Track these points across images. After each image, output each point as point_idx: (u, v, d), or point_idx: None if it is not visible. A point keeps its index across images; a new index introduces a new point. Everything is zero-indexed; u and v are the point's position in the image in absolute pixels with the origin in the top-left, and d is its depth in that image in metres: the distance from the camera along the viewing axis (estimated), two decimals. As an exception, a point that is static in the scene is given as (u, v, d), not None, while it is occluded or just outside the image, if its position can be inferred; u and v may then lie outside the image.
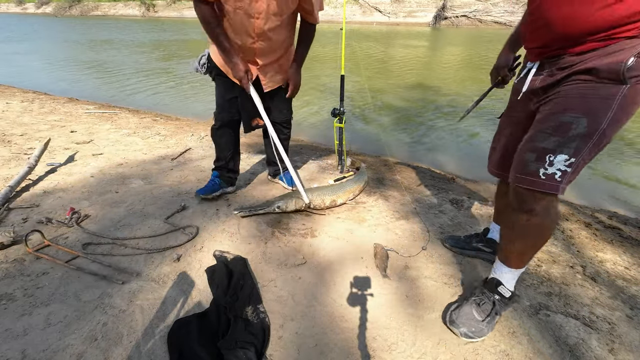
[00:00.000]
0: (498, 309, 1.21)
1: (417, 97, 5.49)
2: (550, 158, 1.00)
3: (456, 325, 1.21)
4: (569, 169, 0.99)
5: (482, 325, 1.20)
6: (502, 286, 1.22)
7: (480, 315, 1.21)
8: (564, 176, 1.00)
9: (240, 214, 1.89)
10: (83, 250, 1.62)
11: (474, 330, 1.19)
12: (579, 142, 0.97)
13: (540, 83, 1.09)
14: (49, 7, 34.57)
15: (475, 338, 1.20)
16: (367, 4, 22.48)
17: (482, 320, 1.20)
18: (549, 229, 1.10)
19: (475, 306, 1.23)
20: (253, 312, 1.29)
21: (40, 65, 8.33)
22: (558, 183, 1.00)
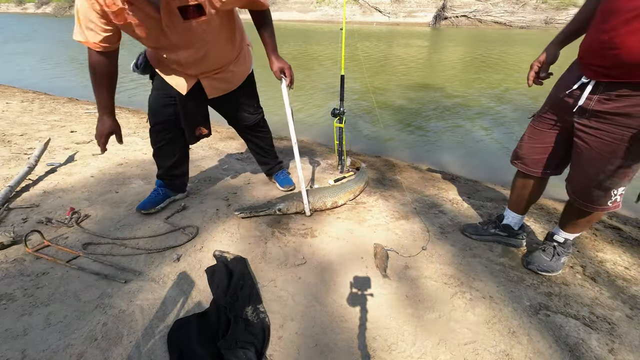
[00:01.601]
0: (559, 250, 1.52)
1: (417, 97, 5.49)
2: (614, 192, 1.26)
3: (532, 265, 1.54)
4: (624, 191, 1.27)
5: (551, 263, 1.52)
6: (556, 235, 1.55)
7: (547, 256, 1.53)
8: (622, 196, 1.28)
9: (240, 215, 1.89)
10: (83, 249, 1.62)
11: (545, 266, 1.52)
12: (632, 174, 1.21)
13: (595, 105, 1.15)
14: (49, 7, 34.56)
15: (549, 272, 1.52)
16: (367, 4, 22.49)
17: (550, 260, 1.53)
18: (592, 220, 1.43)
19: (541, 251, 1.56)
20: (253, 312, 1.29)
21: (40, 65, 8.33)
22: (619, 203, 1.30)
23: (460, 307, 1.36)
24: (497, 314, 1.33)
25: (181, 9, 1.36)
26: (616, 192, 1.25)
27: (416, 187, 2.33)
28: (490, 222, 1.76)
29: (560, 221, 1.56)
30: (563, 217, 1.53)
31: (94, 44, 1.37)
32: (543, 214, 2.04)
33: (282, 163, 2.34)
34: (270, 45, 1.66)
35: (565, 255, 1.54)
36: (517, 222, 1.69)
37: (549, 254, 1.53)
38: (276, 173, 2.29)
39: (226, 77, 1.74)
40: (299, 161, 1.86)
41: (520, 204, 1.65)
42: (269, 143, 2.18)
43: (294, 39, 13.01)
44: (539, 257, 1.54)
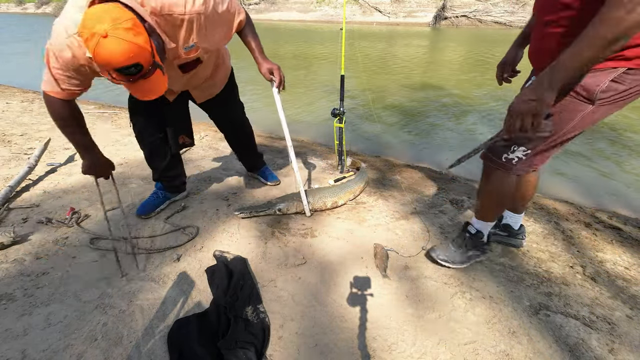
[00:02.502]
0: (467, 242, 1.52)
1: (418, 97, 5.49)
2: (514, 148, 1.24)
3: (433, 252, 1.56)
4: (524, 157, 1.23)
5: (455, 254, 1.53)
6: (470, 226, 1.53)
7: (453, 246, 1.54)
8: (518, 163, 1.25)
9: (240, 215, 1.89)
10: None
11: (447, 255, 1.53)
12: (539, 140, 1.18)
13: None
14: (49, 7, 34.53)
15: (449, 263, 1.52)
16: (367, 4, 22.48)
17: (455, 249, 1.53)
18: (501, 196, 1.38)
19: (450, 242, 1.58)
20: (253, 312, 1.29)
21: (40, 66, 8.32)
22: (512, 165, 1.26)
23: (460, 307, 1.36)
24: (497, 314, 1.33)
25: (181, 66, 1.42)
26: (515, 149, 1.23)
27: (416, 187, 2.33)
28: None
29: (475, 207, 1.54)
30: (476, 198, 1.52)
31: (67, 93, 1.30)
32: (543, 214, 2.04)
33: (263, 158, 2.33)
34: (256, 48, 1.61)
35: (474, 250, 1.51)
36: (516, 221, 1.69)
37: (456, 244, 1.53)
38: (260, 169, 2.30)
39: (212, 84, 1.76)
40: (294, 161, 1.87)
41: (513, 202, 1.64)
42: (252, 138, 2.17)
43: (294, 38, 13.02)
44: (445, 246, 1.57)
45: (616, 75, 1.02)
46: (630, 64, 0.99)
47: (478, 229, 1.51)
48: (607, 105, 1.08)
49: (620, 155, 3.36)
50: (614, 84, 1.03)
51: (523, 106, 1.04)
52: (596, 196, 2.67)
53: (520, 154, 1.23)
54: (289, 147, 1.85)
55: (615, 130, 3.98)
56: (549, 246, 1.73)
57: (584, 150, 3.46)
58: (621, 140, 3.70)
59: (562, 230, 1.89)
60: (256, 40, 1.60)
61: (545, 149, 1.23)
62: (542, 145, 1.21)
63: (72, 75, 1.24)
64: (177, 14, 1.21)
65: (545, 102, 1.01)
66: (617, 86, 1.03)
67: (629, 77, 1.02)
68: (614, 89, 1.04)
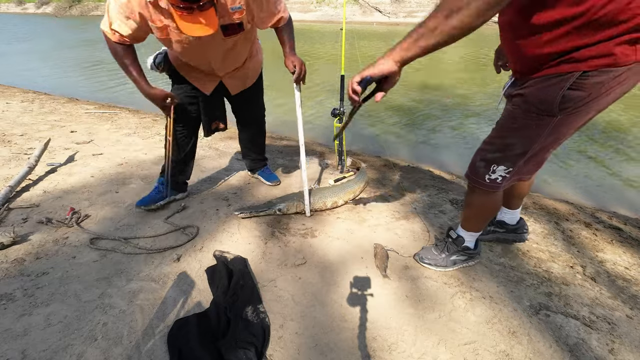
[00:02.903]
0: (449, 246, 1.54)
1: (418, 97, 5.49)
2: (494, 168, 1.24)
3: (417, 255, 1.61)
4: (507, 176, 1.24)
5: (437, 256, 1.55)
6: (452, 231, 1.56)
7: (436, 250, 1.58)
8: (504, 180, 1.25)
9: (240, 215, 1.89)
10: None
11: (430, 258, 1.56)
12: (516, 158, 1.19)
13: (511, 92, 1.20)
14: (49, 7, 34.53)
15: (432, 265, 1.56)
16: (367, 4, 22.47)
17: (437, 253, 1.56)
18: (486, 212, 1.41)
19: (434, 246, 1.61)
20: (253, 312, 1.29)
21: (40, 65, 8.33)
22: (499, 184, 1.26)
23: (460, 307, 1.36)
24: (497, 314, 1.33)
25: (224, 27, 1.45)
26: (496, 169, 1.22)
27: (416, 187, 2.33)
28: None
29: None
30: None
31: (120, 37, 1.43)
32: (543, 214, 2.04)
33: (267, 161, 2.39)
34: (288, 44, 1.70)
35: (456, 254, 1.52)
36: (511, 217, 1.68)
37: (439, 248, 1.56)
38: (261, 169, 2.34)
39: (245, 73, 1.85)
40: (304, 160, 1.89)
41: (508, 199, 1.62)
42: (264, 140, 2.27)
43: (294, 39, 13.08)
44: (428, 249, 1.60)
45: (572, 83, 0.95)
46: (583, 67, 0.93)
47: (459, 234, 1.51)
48: (575, 114, 1.02)
49: (620, 155, 3.36)
50: (573, 92, 0.97)
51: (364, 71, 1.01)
52: (596, 196, 2.67)
53: (502, 172, 1.23)
54: (301, 144, 1.88)
55: (616, 130, 3.98)
56: (549, 246, 1.73)
57: (584, 150, 3.46)
58: (622, 140, 3.70)
59: (562, 230, 1.89)
60: (290, 39, 1.71)
61: (528, 165, 1.21)
62: (521, 162, 1.19)
63: (123, 20, 1.36)
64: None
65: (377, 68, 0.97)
66: (578, 94, 0.96)
67: (587, 82, 0.94)
68: (576, 97, 0.97)
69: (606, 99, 0.99)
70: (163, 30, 1.40)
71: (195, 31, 1.25)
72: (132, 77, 1.55)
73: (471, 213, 1.45)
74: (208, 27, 1.25)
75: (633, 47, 0.89)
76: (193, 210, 2.00)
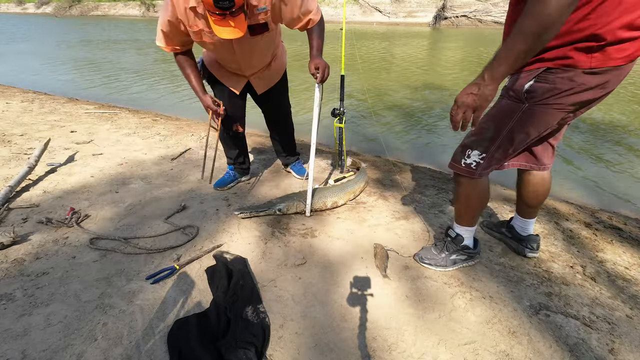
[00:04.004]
0: (448, 245, 1.55)
1: (418, 97, 5.49)
2: (469, 153, 1.31)
3: (417, 255, 1.61)
4: (481, 161, 1.29)
5: (436, 256, 1.56)
6: (450, 230, 1.56)
7: (435, 250, 1.58)
8: (478, 166, 1.31)
9: (240, 215, 1.89)
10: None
11: (429, 258, 1.57)
12: (488, 143, 1.26)
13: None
14: (48, 7, 34.53)
15: (432, 265, 1.56)
16: (367, 4, 22.47)
17: (437, 253, 1.56)
18: (478, 199, 1.42)
19: (433, 246, 1.62)
20: (253, 312, 1.29)
21: (40, 65, 8.33)
22: (473, 170, 1.32)
23: (460, 307, 1.36)
24: (497, 314, 1.33)
25: (250, 27, 1.59)
26: (472, 155, 1.30)
27: (416, 187, 2.33)
28: (503, 223, 1.76)
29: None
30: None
31: (170, 49, 1.70)
32: (543, 214, 2.04)
33: (300, 155, 2.54)
34: (315, 46, 1.74)
35: (456, 254, 1.53)
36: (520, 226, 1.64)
37: (439, 248, 1.57)
38: (293, 163, 2.48)
39: (269, 73, 1.98)
40: (312, 161, 1.92)
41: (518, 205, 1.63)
42: (292, 135, 2.40)
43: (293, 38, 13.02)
44: (428, 249, 1.61)
45: (537, 75, 1.09)
46: (549, 64, 1.07)
47: (458, 232, 1.52)
48: (542, 105, 1.13)
49: (621, 155, 3.36)
50: (539, 84, 1.10)
51: (467, 100, 1.05)
52: (596, 196, 2.67)
53: (476, 158, 1.29)
54: (312, 144, 1.89)
55: (617, 129, 3.98)
56: (549, 246, 1.73)
57: (584, 149, 3.47)
58: (622, 140, 3.70)
59: (562, 230, 1.89)
60: (318, 41, 1.74)
61: (499, 151, 1.27)
62: (494, 147, 1.26)
63: (168, 31, 1.58)
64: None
65: (486, 96, 1.03)
66: (543, 85, 1.10)
67: (551, 76, 1.08)
68: (540, 87, 1.10)
69: (571, 98, 1.10)
70: (198, 33, 1.59)
71: (226, 34, 1.41)
72: (191, 85, 1.81)
73: (460, 206, 1.47)
74: (237, 30, 1.41)
75: (589, 55, 1.02)
76: (193, 210, 2.00)
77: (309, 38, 1.75)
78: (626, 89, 5.67)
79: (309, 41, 1.75)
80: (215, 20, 1.39)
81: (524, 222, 1.62)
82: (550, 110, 1.14)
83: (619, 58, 1.01)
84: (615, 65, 1.02)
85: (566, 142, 3.59)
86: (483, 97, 1.03)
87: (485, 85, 1.02)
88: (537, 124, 1.18)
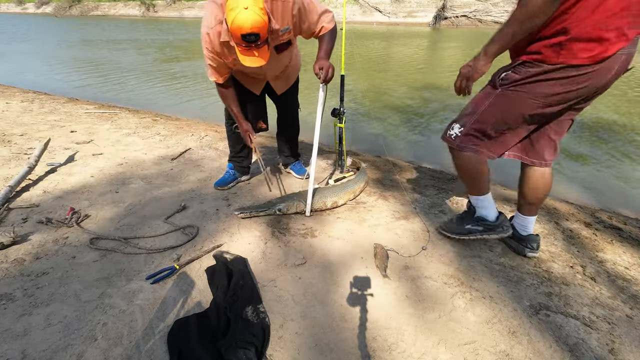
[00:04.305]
0: (463, 215, 1.68)
1: (418, 96, 5.49)
2: (452, 126, 1.47)
3: (441, 227, 1.76)
4: (459, 133, 1.44)
5: (452, 225, 1.69)
6: (469, 202, 1.66)
7: (455, 220, 1.71)
8: (456, 137, 1.45)
9: (240, 215, 1.89)
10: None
11: (448, 226, 1.71)
12: (467, 117, 1.43)
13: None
14: (48, 7, 34.53)
15: (448, 232, 1.70)
16: (367, 4, 22.47)
17: (454, 222, 1.70)
18: (468, 170, 1.52)
19: (455, 216, 1.74)
20: (253, 312, 1.29)
21: (40, 65, 8.33)
22: (453, 140, 1.47)
23: (460, 307, 1.36)
24: (497, 314, 1.33)
25: (276, 47, 1.78)
26: (454, 127, 1.47)
27: (416, 187, 2.33)
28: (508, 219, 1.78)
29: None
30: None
31: (222, 79, 1.85)
32: (543, 214, 2.04)
33: (299, 157, 2.56)
34: (323, 49, 1.82)
35: (471, 224, 1.62)
36: (520, 224, 1.63)
37: (459, 217, 1.70)
38: (293, 163, 2.51)
39: (288, 74, 2.09)
40: (314, 160, 1.93)
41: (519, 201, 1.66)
42: (297, 136, 2.47)
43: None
44: (449, 220, 1.75)
45: (514, 66, 1.26)
46: (525, 58, 1.23)
47: (473, 204, 1.62)
48: (512, 91, 1.28)
49: (621, 155, 3.36)
50: (512, 74, 1.27)
51: (463, 70, 1.33)
52: (596, 196, 2.67)
53: (456, 130, 1.46)
54: (315, 143, 1.91)
55: (617, 130, 3.98)
56: (549, 246, 1.73)
57: (584, 149, 3.47)
58: (623, 140, 3.70)
59: (562, 230, 1.89)
60: (327, 45, 1.83)
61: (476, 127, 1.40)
62: (470, 123, 1.41)
63: (212, 61, 1.74)
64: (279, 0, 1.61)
65: (478, 69, 1.28)
66: (513, 75, 1.26)
67: (522, 69, 1.24)
68: (511, 77, 1.27)
69: (538, 87, 1.22)
70: (232, 62, 1.76)
71: (249, 62, 1.58)
72: (233, 112, 1.98)
73: (461, 178, 1.59)
74: (261, 59, 1.58)
75: (557, 52, 1.14)
76: (193, 210, 2.00)
77: (319, 42, 1.84)
78: (634, 90, 5.67)
79: (319, 44, 1.84)
80: (242, 51, 1.56)
81: (524, 220, 1.62)
82: (520, 97, 1.27)
83: (583, 57, 1.11)
84: (578, 63, 1.12)
85: (567, 142, 3.59)
86: (475, 69, 1.28)
87: (479, 60, 1.27)
88: (509, 109, 1.31)
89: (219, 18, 1.58)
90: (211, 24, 1.61)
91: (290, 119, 2.36)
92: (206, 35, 1.65)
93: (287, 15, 1.67)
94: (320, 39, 1.85)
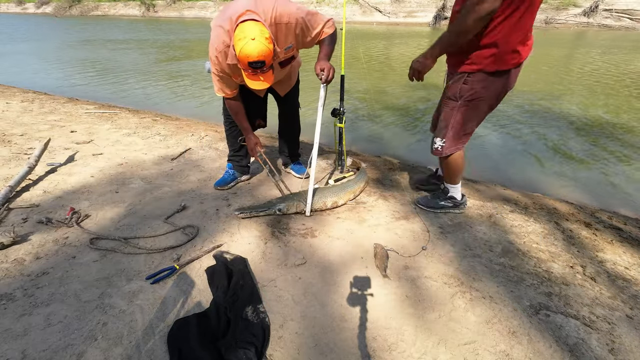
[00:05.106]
0: (439, 194, 2.02)
1: (418, 96, 5.49)
2: (436, 141, 1.82)
3: (418, 202, 2.06)
4: (443, 145, 1.79)
5: (429, 200, 2.03)
6: (443, 186, 2.01)
7: (431, 196, 2.06)
8: (442, 148, 1.80)
9: (240, 215, 1.89)
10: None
11: (424, 202, 2.04)
12: (444, 131, 1.77)
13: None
14: (48, 7, 34.50)
15: (424, 206, 2.02)
16: (367, 4, 22.47)
17: (430, 198, 2.04)
18: (454, 168, 1.89)
19: (431, 195, 2.08)
20: (253, 312, 1.29)
21: (40, 65, 8.33)
22: (440, 151, 1.82)
23: (460, 307, 1.36)
24: (497, 314, 1.33)
25: (280, 62, 1.88)
26: (436, 142, 1.81)
27: (416, 187, 2.33)
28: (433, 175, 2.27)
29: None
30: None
31: (230, 93, 1.92)
32: (543, 214, 2.04)
33: (300, 157, 2.58)
34: (324, 51, 1.86)
35: (444, 200, 1.99)
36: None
37: (435, 195, 2.04)
38: (293, 163, 2.53)
39: (289, 77, 2.15)
40: (315, 160, 1.93)
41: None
42: (298, 135, 2.51)
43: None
44: (425, 197, 2.09)
45: (464, 79, 1.60)
46: (468, 69, 1.57)
47: (447, 188, 1.98)
48: (469, 100, 1.64)
49: (621, 155, 3.36)
50: (465, 85, 1.61)
51: (415, 65, 1.68)
52: (596, 196, 2.67)
53: (439, 143, 1.80)
54: (315, 143, 1.91)
55: (616, 130, 3.98)
56: (549, 246, 1.73)
57: (584, 149, 3.46)
58: (623, 140, 3.70)
59: (562, 230, 1.89)
60: (327, 48, 1.87)
61: (453, 135, 1.75)
62: (450, 133, 1.75)
63: (220, 80, 1.84)
64: (283, 23, 1.69)
65: (427, 65, 1.66)
66: (464, 87, 1.61)
67: (470, 79, 1.59)
68: (465, 89, 1.62)
69: (487, 92, 1.60)
70: (239, 80, 1.83)
71: (255, 85, 1.67)
72: (242, 126, 2.06)
73: (447, 173, 1.95)
74: (265, 82, 1.68)
75: (492, 61, 1.51)
76: (193, 210, 2.00)
77: (319, 45, 1.88)
78: (629, 88, 5.67)
79: (320, 47, 1.88)
80: (248, 75, 1.65)
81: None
82: (478, 103, 1.64)
83: (511, 63, 1.51)
84: (509, 68, 1.53)
85: (567, 142, 3.59)
86: (423, 65, 1.65)
87: (427, 58, 1.64)
88: (473, 112, 1.68)
89: (227, 43, 1.67)
90: (219, 48, 1.70)
91: (292, 118, 2.39)
92: (215, 57, 1.74)
93: (291, 36, 1.76)
94: (320, 42, 1.89)
